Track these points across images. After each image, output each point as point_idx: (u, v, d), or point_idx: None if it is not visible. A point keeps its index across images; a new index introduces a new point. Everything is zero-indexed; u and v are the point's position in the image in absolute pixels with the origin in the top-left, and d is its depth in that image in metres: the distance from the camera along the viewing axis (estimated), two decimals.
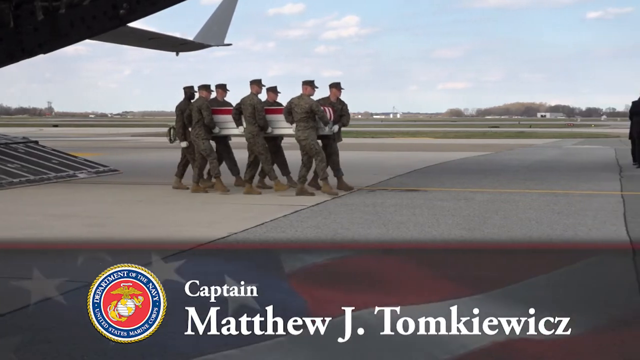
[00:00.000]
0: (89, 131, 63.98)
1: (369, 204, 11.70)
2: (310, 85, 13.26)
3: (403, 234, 8.87)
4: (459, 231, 9.07)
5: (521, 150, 30.52)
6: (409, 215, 10.43)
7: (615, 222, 9.75)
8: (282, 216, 10.25)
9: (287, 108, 13.29)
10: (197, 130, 13.70)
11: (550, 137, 47.84)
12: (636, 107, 20.13)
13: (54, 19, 15.41)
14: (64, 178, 16.22)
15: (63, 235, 8.82)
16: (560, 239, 8.49)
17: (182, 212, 11.10)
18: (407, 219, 10.07)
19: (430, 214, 10.56)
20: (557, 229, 9.24)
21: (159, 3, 15.73)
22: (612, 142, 37.97)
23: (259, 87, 13.68)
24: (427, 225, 9.53)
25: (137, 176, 17.14)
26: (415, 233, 8.93)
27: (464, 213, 10.65)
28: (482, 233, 8.98)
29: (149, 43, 30.69)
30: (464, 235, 8.84)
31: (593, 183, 15.21)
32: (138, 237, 8.72)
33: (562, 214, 10.53)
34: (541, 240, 8.43)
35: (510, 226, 9.44)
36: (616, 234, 8.80)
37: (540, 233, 8.91)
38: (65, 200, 12.52)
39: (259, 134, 13.49)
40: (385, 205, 11.53)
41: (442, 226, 9.44)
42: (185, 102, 14.20)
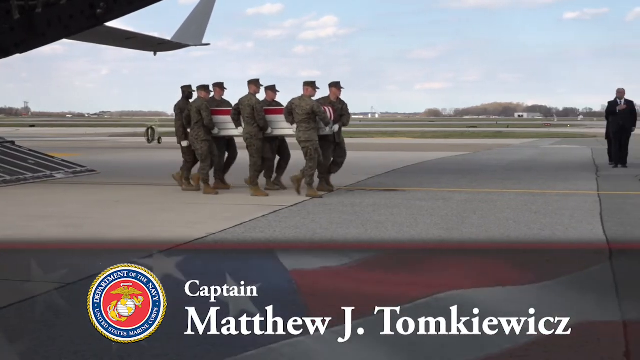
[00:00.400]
0: (66, 131, 63.59)
1: (348, 204, 11.71)
2: (311, 86, 13.11)
3: (381, 233, 8.89)
4: (437, 231, 9.09)
5: (499, 150, 30.66)
6: (388, 215, 10.45)
7: (592, 221, 9.81)
8: (260, 216, 10.24)
9: (287, 109, 13.14)
10: (196, 131, 13.55)
11: (527, 137, 48.07)
12: (612, 107, 20.30)
13: (30, 18, 15.31)
14: (40, 178, 16.11)
15: (40, 236, 8.76)
16: (537, 239, 8.53)
17: (161, 212, 11.06)
18: (386, 218, 10.09)
19: (409, 213, 10.58)
20: (534, 228, 9.29)
21: (136, 2, 15.66)
22: (588, 142, 38.24)
23: (257, 87, 13.47)
24: (405, 225, 9.55)
25: (114, 176, 17.06)
26: (393, 233, 8.95)
27: (442, 213, 10.68)
28: (460, 233, 9.01)
29: (127, 43, 30.56)
30: (442, 235, 8.87)
31: (570, 183, 15.31)
32: (115, 237, 8.67)
33: (540, 213, 10.59)
34: (519, 239, 8.47)
35: (488, 226, 9.48)
36: (593, 233, 8.86)
37: (518, 232, 8.96)
38: (42, 201, 12.43)
39: (257, 135, 13.28)
40: (363, 205, 11.54)
41: (421, 226, 9.46)
42: (183, 101, 14.09)
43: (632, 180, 15.86)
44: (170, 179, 14.18)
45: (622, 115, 20.04)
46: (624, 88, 20.18)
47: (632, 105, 20.55)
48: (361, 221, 9.85)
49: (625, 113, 20.06)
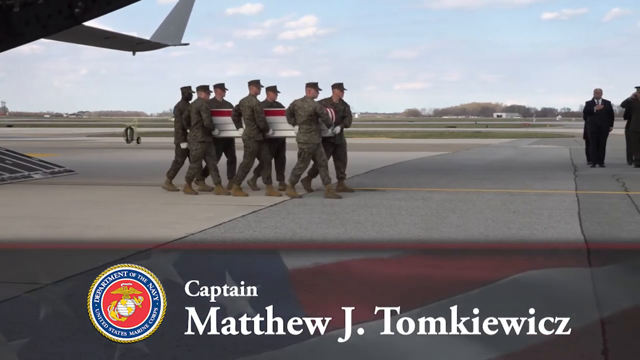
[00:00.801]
0: (44, 131, 63.20)
1: (327, 203, 11.71)
2: (314, 87, 13.00)
3: (361, 233, 8.90)
4: (416, 230, 9.12)
5: (478, 150, 30.79)
6: (367, 215, 10.46)
7: (570, 220, 9.88)
8: (240, 216, 10.22)
9: (289, 110, 13.04)
10: (194, 132, 13.41)
11: (506, 137, 48.30)
12: (590, 107, 20.44)
13: (8, 18, 15.19)
14: (18, 179, 15.99)
15: (18, 237, 8.69)
16: (516, 238, 8.58)
17: (140, 213, 11.01)
18: (365, 218, 10.10)
19: (388, 213, 10.60)
20: (513, 227, 9.33)
21: (114, 2, 15.58)
22: (567, 142, 38.47)
23: (258, 88, 13.34)
24: (385, 224, 9.57)
25: (93, 177, 16.97)
26: (373, 233, 8.96)
27: (421, 212, 10.71)
28: (440, 232, 9.04)
29: (105, 42, 30.39)
30: (421, 234, 8.89)
31: (548, 182, 15.40)
32: (93, 238, 8.62)
33: (518, 213, 10.63)
34: (497, 239, 8.51)
35: (467, 225, 9.52)
36: (571, 233, 8.91)
37: (496, 232, 9.00)
38: (19, 201, 12.35)
39: (255, 137, 13.16)
40: (343, 205, 11.55)
41: (400, 225, 9.48)
42: (183, 102, 13.97)
43: (610, 179, 15.98)
44: (148, 179, 14.10)
45: (600, 115, 20.18)
46: (602, 88, 20.35)
47: (610, 105, 20.69)
48: (341, 221, 9.86)
49: (603, 113, 20.20)
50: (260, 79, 13.37)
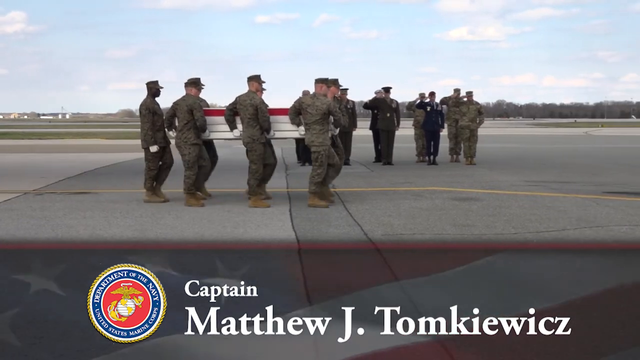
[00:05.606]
0: None
1: (37, 208, 11.22)
2: (325, 83, 11.65)
3: (73, 237, 8.63)
4: (131, 232, 9.01)
5: None
6: (80, 218, 10.17)
7: (282, 218, 10.22)
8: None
9: (294, 108, 11.60)
10: (185, 133, 11.72)
11: None
12: None
13: None
14: None
15: None
16: (230, 237, 8.76)
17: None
18: (78, 222, 9.82)
19: (102, 216, 10.37)
20: (228, 226, 9.50)
21: None
22: (279, 142, 39.74)
23: (260, 84, 11.77)
24: (98, 227, 9.36)
25: None
26: (85, 236, 8.73)
27: (136, 214, 10.58)
28: (155, 234, 8.99)
29: None
30: (136, 236, 8.80)
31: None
32: None
33: (233, 212, 10.82)
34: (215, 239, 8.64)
35: (182, 227, 9.56)
36: (282, 230, 9.23)
37: (211, 231, 9.13)
38: None
39: (260, 138, 11.60)
40: (54, 209, 11.12)
41: (114, 228, 9.32)
42: (151, 99, 12.12)
43: None
44: None
45: None
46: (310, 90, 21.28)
47: None
48: (51, 226, 9.49)
49: None
50: None
